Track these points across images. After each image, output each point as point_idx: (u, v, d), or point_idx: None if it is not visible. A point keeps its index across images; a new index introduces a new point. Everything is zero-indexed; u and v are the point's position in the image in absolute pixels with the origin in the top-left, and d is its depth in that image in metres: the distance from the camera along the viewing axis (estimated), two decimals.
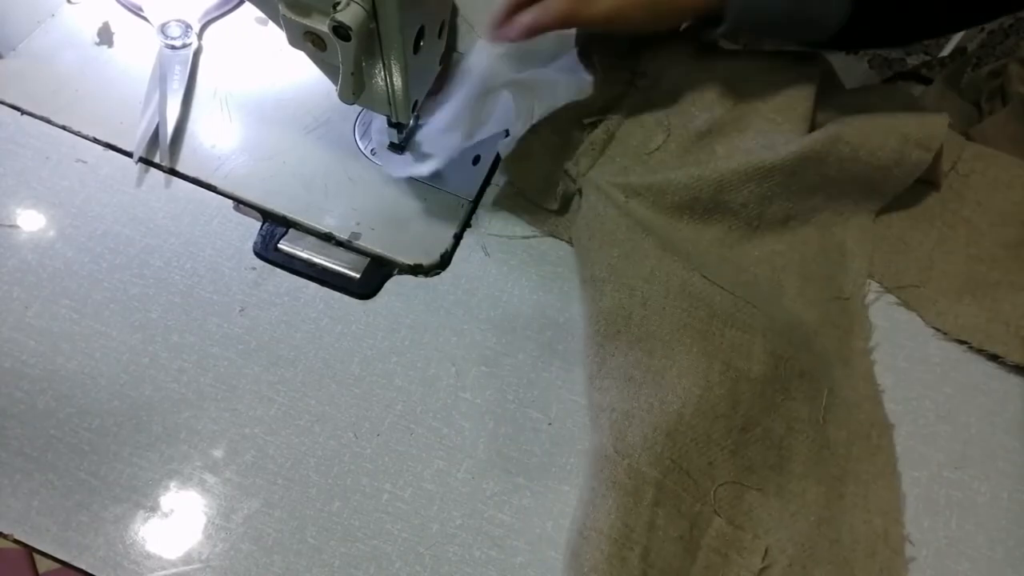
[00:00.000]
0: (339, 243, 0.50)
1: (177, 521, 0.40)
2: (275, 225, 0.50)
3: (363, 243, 0.49)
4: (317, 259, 0.49)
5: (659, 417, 0.42)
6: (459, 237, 0.51)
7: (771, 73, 0.54)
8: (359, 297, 0.48)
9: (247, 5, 0.59)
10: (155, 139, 0.52)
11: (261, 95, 0.55)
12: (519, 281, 0.50)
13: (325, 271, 0.49)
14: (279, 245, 0.49)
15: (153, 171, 0.52)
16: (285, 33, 0.42)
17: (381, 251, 0.49)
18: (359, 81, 0.43)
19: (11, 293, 0.46)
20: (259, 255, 0.49)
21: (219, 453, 0.42)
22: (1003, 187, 0.54)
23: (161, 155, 0.51)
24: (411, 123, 0.51)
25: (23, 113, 0.52)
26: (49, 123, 0.52)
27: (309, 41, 0.41)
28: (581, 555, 0.39)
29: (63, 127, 0.52)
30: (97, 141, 0.52)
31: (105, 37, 0.57)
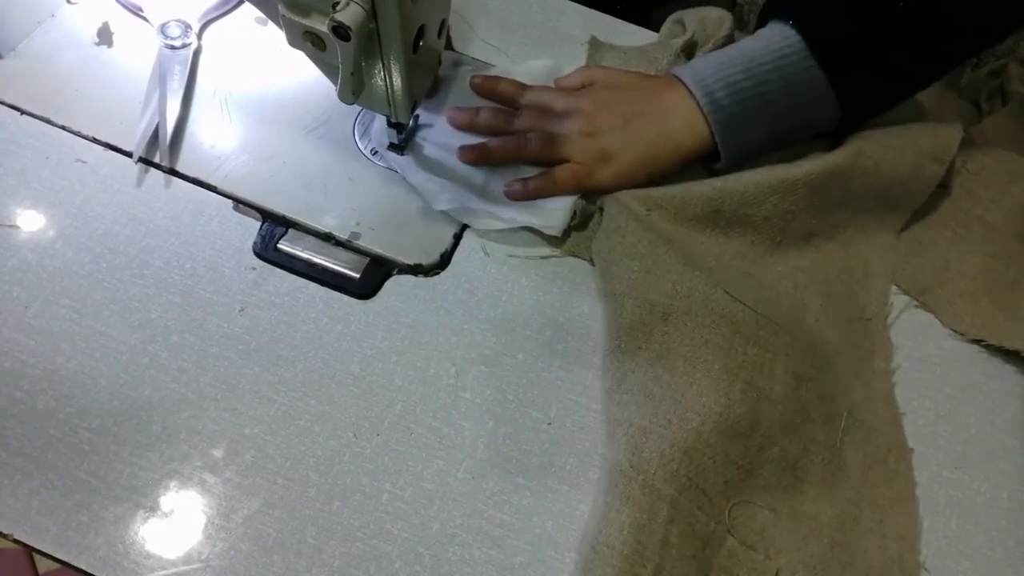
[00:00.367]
0: (339, 243, 0.50)
1: (177, 521, 0.40)
2: (275, 225, 0.50)
3: (363, 243, 0.49)
4: (317, 259, 0.49)
5: (677, 434, 0.41)
6: (459, 237, 0.51)
7: None
8: (359, 297, 0.48)
9: (247, 5, 0.59)
10: (155, 139, 0.51)
11: (261, 95, 0.55)
12: (519, 281, 0.50)
13: (325, 271, 0.49)
14: (279, 245, 0.49)
15: (153, 171, 0.52)
16: (285, 33, 0.42)
17: (381, 251, 0.49)
18: (359, 81, 0.43)
19: (11, 293, 0.46)
20: (259, 255, 0.49)
21: (219, 453, 0.42)
22: (1017, 181, 0.53)
23: (161, 155, 0.51)
24: (410, 123, 0.51)
25: (23, 113, 0.52)
26: (49, 123, 0.52)
27: (309, 41, 0.41)
28: (592, 570, 0.39)
29: (63, 127, 0.52)
30: (97, 141, 0.52)
31: (105, 37, 0.57)
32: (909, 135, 0.51)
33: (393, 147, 0.52)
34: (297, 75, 0.56)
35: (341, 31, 0.38)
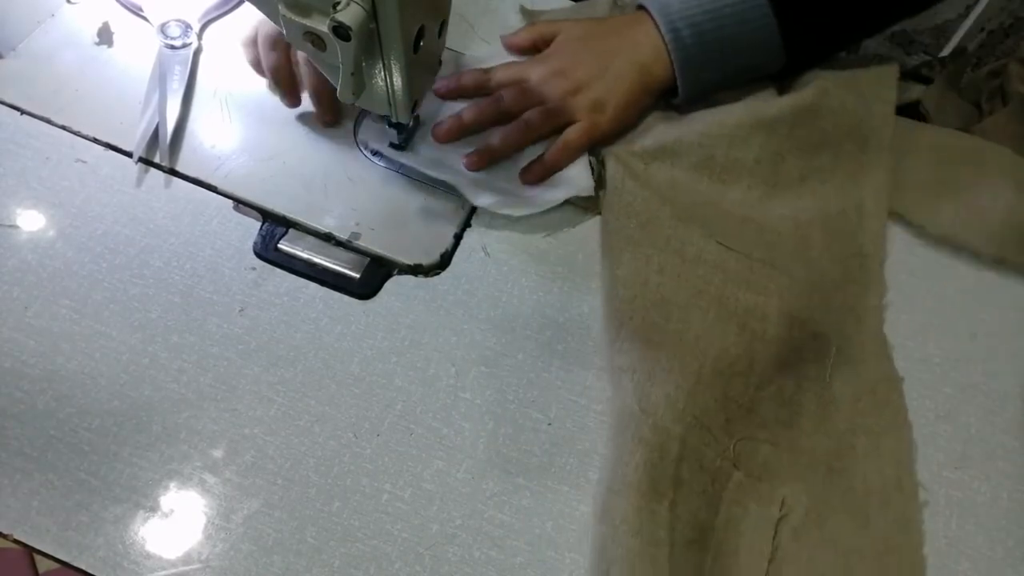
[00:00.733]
0: (339, 243, 0.50)
1: (177, 521, 0.40)
2: (275, 225, 0.50)
3: (363, 243, 0.49)
4: (317, 259, 0.49)
5: (679, 376, 0.43)
6: (459, 237, 0.51)
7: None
8: (359, 297, 0.48)
9: (247, 5, 0.59)
10: (155, 139, 0.52)
11: (261, 95, 0.55)
12: (519, 281, 0.50)
13: (325, 271, 0.49)
14: (279, 245, 0.49)
15: (153, 171, 0.52)
16: (285, 33, 0.42)
17: (381, 251, 0.49)
18: (359, 81, 0.43)
19: (11, 293, 0.46)
20: (259, 255, 0.49)
21: (219, 453, 0.42)
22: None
23: (161, 155, 0.51)
24: (411, 123, 0.51)
25: (23, 113, 0.52)
26: (49, 123, 0.52)
27: (309, 41, 0.41)
28: (612, 509, 0.40)
29: (63, 127, 0.52)
30: (97, 141, 0.52)
31: (105, 37, 0.57)
32: (853, 77, 0.55)
33: (393, 147, 0.52)
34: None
35: (341, 31, 0.38)
